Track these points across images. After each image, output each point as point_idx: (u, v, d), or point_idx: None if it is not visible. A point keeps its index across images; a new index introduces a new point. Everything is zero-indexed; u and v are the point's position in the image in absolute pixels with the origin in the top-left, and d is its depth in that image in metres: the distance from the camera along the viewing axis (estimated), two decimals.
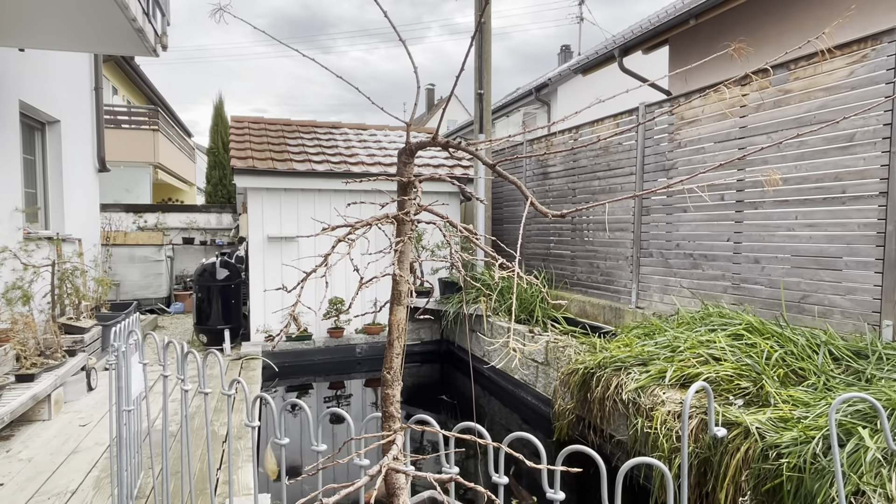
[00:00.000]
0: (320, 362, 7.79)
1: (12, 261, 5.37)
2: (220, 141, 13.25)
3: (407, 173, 1.31)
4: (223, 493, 3.21)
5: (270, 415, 5.65)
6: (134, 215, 10.52)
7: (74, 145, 7.39)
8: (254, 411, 2.00)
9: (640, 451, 3.66)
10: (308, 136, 9.21)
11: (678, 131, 5.36)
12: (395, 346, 1.30)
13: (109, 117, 12.34)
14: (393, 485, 1.26)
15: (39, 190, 6.67)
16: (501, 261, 1.32)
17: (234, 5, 1.26)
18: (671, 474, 1.33)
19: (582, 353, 4.87)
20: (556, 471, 1.36)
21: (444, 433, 1.36)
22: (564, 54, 21.36)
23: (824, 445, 2.64)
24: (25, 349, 4.45)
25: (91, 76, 8.23)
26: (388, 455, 1.19)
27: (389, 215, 1.31)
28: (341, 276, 7.76)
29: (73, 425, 4.23)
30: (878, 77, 3.71)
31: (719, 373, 3.55)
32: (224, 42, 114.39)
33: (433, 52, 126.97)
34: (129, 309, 7.36)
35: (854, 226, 3.86)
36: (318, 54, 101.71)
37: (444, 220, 1.33)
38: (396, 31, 1.15)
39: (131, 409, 2.63)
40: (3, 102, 5.46)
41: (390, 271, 1.29)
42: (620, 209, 6.16)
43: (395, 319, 1.31)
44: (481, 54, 7.90)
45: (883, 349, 3.44)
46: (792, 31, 6.17)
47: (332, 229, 1.35)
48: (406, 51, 1.20)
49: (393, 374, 1.29)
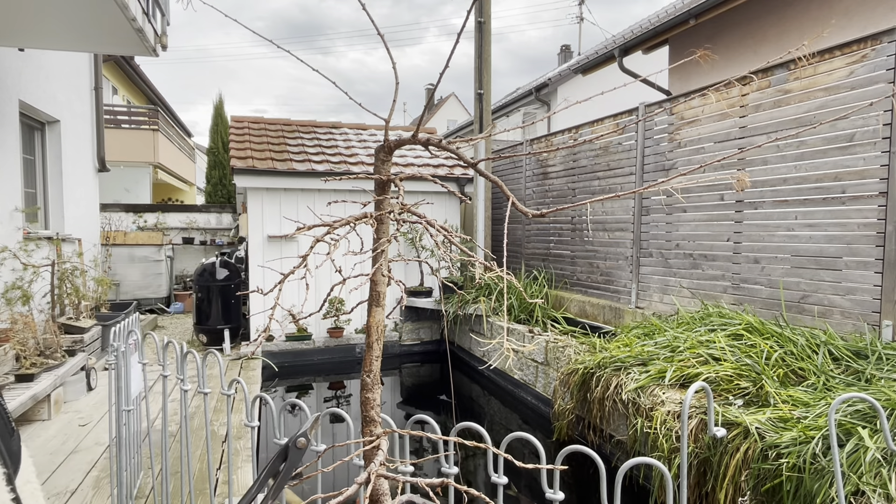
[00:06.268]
0: (320, 362, 7.79)
1: (12, 261, 5.37)
2: (220, 141, 13.26)
3: (385, 171, 1.30)
4: (223, 493, 3.21)
5: (270, 415, 5.66)
6: (134, 215, 10.52)
7: (74, 145, 7.39)
8: (253, 411, 2.00)
9: (640, 451, 3.66)
10: (308, 136, 9.21)
11: (678, 131, 5.36)
12: (374, 349, 1.29)
13: (109, 117, 12.33)
14: (376, 491, 1.25)
15: (39, 190, 6.66)
16: (479, 260, 1.31)
17: (235, 7, 1.26)
18: (671, 474, 1.33)
19: (582, 353, 4.87)
20: (556, 471, 1.36)
21: (432, 436, 1.35)
22: (564, 54, 21.35)
23: (824, 445, 2.64)
24: (25, 349, 4.45)
25: (91, 76, 8.23)
26: (374, 461, 1.18)
27: (369, 214, 1.29)
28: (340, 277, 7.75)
29: (72, 425, 4.23)
30: (877, 77, 3.71)
31: (719, 373, 3.55)
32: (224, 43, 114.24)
33: (431, 53, 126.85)
34: (128, 309, 7.36)
35: (854, 226, 3.86)
36: (317, 56, 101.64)
37: (423, 220, 1.31)
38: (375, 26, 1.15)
39: (131, 409, 2.63)
40: (3, 102, 5.46)
41: (382, 271, 1.28)
42: (620, 209, 6.16)
43: (374, 321, 1.29)
44: (481, 54, 7.90)
45: (883, 349, 3.43)
46: (792, 31, 6.17)
47: (307, 229, 1.34)
48: (385, 46, 1.19)
49: (373, 377, 1.28)
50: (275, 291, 1.28)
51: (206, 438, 2.21)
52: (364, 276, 1.32)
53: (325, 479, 4.12)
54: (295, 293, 7.53)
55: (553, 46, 73.25)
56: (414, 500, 1.47)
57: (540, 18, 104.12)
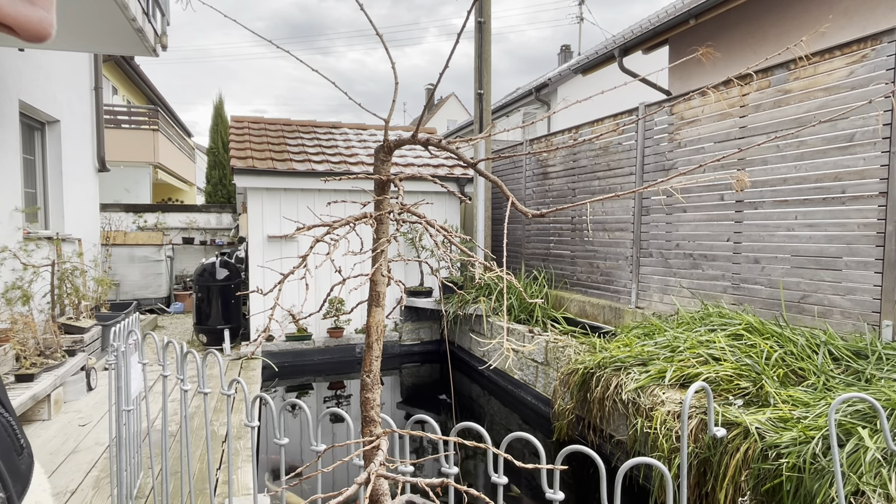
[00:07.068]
0: (320, 362, 7.79)
1: (12, 261, 5.37)
2: (220, 141, 13.26)
3: (384, 171, 1.30)
4: (223, 493, 3.21)
5: (270, 415, 5.65)
6: (134, 215, 10.52)
7: (74, 145, 7.39)
8: (253, 411, 2.00)
9: (640, 451, 3.66)
10: (308, 136, 9.21)
11: (678, 131, 5.36)
12: (374, 349, 1.28)
13: (109, 117, 12.33)
14: (376, 491, 1.25)
15: (39, 190, 6.67)
16: (479, 260, 1.31)
17: (235, 8, 1.26)
18: (671, 474, 1.33)
19: (582, 353, 4.87)
20: (556, 471, 1.36)
21: (432, 436, 1.35)
22: (564, 54, 21.35)
23: (824, 445, 2.64)
24: (25, 349, 4.45)
25: (91, 76, 8.23)
26: (374, 461, 1.18)
27: (368, 214, 1.29)
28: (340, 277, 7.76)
29: (72, 425, 4.23)
30: (877, 77, 3.71)
31: (719, 373, 3.54)
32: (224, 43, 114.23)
33: (431, 53, 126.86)
34: (128, 309, 7.36)
35: (854, 226, 3.86)
36: (317, 56, 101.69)
37: (422, 220, 1.31)
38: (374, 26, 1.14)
39: (131, 409, 2.63)
40: (3, 102, 5.46)
41: (382, 271, 1.28)
42: (620, 209, 6.16)
43: (374, 321, 1.29)
44: (481, 54, 7.90)
45: (882, 349, 3.43)
46: (792, 31, 6.17)
47: (307, 229, 1.34)
48: (384, 46, 1.19)
49: (372, 377, 1.28)
50: (275, 291, 1.28)
51: (206, 438, 2.21)
52: (364, 276, 1.32)
53: (325, 479, 4.12)
54: (295, 293, 7.53)
55: (553, 46, 73.30)
56: (414, 500, 1.47)
57: (540, 19, 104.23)
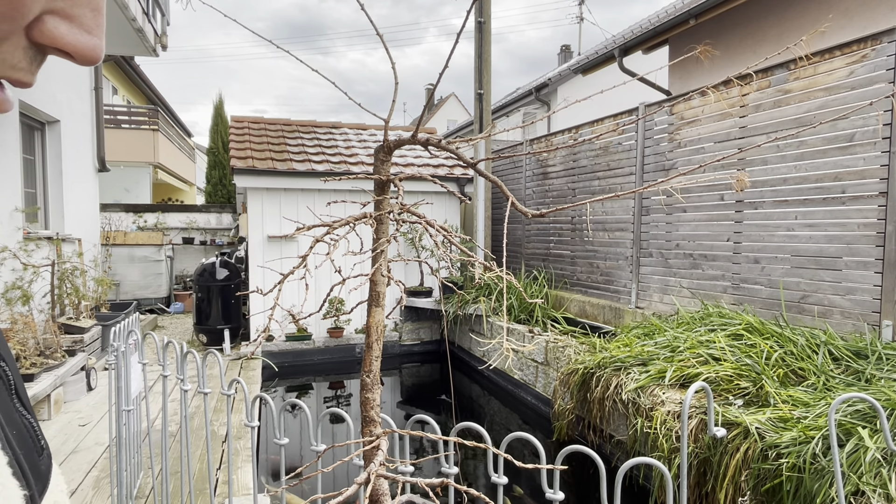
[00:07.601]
0: (320, 362, 7.79)
1: (12, 261, 5.37)
2: (220, 141, 13.26)
3: (384, 171, 1.30)
4: (223, 493, 3.21)
5: (270, 415, 5.65)
6: (134, 215, 10.52)
7: (74, 145, 7.39)
8: (253, 411, 2.00)
9: (640, 451, 3.66)
10: (308, 136, 9.22)
11: (678, 131, 5.36)
12: (374, 349, 1.29)
13: (109, 117, 12.33)
14: (376, 491, 1.25)
15: (39, 190, 6.66)
16: (479, 260, 1.31)
17: (235, 8, 1.26)
18: (671, 474, 1.33)
19: (582, 353, 4.87)
20: (556, 471, 1.36)
21: (432, 436, 1.35)
22: (564, 54, 21.35)
23: (824, 445, 2.64)
24: (25, 349, 4.45)
25: (91, 76, 8.22)
26: (374, 462, 1.18)
27: (368, 214, 1.29)
28: (340, 277, 7.76)
29: (72, 425, 4.23)
30: (877, 77, 3.71)
31: (719, 373, 3.54)
32: (224, 43, 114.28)
33: (431, 53, 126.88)
34: (128, 309, 7.36)
35: (854, 226, 3.86)
36: (317, 56, 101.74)
37: (422, 220, 1.31)
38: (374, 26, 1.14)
39: (131, 409, 2.63)
40: None
41: (382, 271, 1.28)
42: (620, 209, 6.16)
43: (374, 321, 1.29)
44: (481, 54, 7.90)
45: (882, 349, 3.43)
46: (791, 31, 6.17)
47: (307, 229, 1.34)
48: (384, 47, 1.19)
49: (372, 377, 1.28)
50: (274, 291, 1.27)
51: (206, 438, 2.21)
52: (364, 277, 1.32)
53: (325, 479, 4.12)
54: (295, 293, 7.53)
55: (553, 47, 73.33)
56: (414, 500, 1.47)
57: (539, 19, 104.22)
